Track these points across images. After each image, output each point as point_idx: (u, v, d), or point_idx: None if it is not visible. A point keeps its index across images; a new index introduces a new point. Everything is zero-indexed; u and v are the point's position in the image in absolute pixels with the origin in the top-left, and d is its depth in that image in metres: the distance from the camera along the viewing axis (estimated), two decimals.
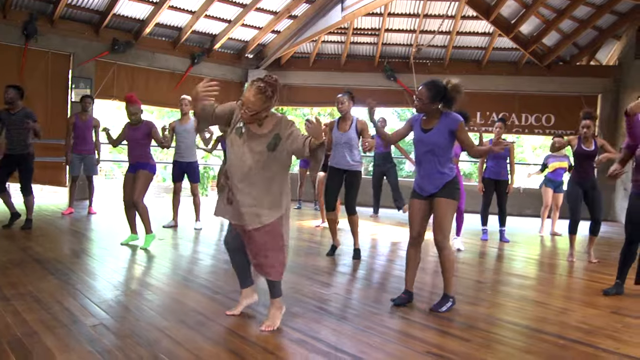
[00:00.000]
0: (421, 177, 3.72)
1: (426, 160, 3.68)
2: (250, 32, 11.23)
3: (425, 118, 3.70)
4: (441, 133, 3.63)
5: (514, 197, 8.66)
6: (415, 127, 3.77)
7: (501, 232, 7.11)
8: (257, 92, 2.89)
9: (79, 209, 8.01)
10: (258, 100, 2.89)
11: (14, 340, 2.76)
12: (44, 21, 8.98)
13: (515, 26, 10.43)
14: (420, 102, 3.61)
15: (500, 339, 3.16)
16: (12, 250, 5.08)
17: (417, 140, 3.74)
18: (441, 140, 3.63)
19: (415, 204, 3.74)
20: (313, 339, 2.98)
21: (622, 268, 4.41)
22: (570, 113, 11.18)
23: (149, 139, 5.58)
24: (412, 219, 3.76)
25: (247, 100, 2.90)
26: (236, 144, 3.02)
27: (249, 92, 2.91)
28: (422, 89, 3.61)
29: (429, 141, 3.64)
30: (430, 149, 3.65)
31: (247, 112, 2.91)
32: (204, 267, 4.88)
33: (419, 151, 3.72)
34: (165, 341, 2.86)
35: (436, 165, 3.65)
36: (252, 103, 2.89)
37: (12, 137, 6.23)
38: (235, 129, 3.03)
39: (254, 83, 2.93)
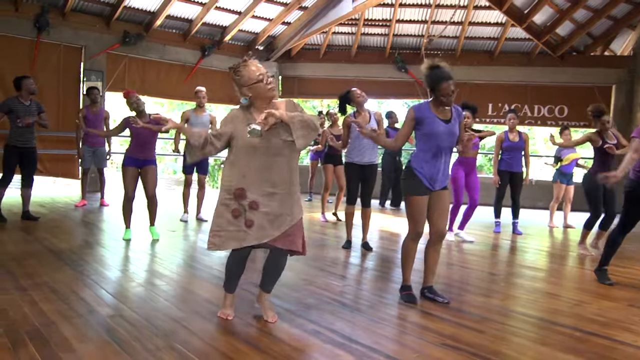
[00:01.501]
0: (438, 171, 3.56)
1: (445, 153, 3.56)
2: (261, 24, 11.20)
3: (439, 109, 3.56)
4: (457, 123, 3.60)
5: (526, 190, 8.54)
6: (431, 118, 3.54)
7: (514, 225, 7.07)
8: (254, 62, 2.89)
9: (91, 201, 8.08)
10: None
11: (32, 330, 2.79)
12: (55, 14, 9.04)
13: (529, 16, 10.32)
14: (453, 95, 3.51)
15: (515, 331, 3.15)
16: (27, 242, 5.13)
17: (440, 131, 3.50)
18: (457, 131, 3.60)
19: (422, 200, 3.59)
20: (328, 330, 2.99)
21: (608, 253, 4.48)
22: (584, 104, 10.92)
23: (156, 133, 5.42)
24: (419, 216, 3.62)
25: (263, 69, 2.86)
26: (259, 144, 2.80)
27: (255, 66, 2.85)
28: (452, 84, 3.46)
29: (451, 131, 3.54)
30: (451, 140, 3.56)
31: (272, 80, 2.89)
32: (216, 258, 4.90)
33: (440, 143, 3.53)
34: (180, 331, 2.88)
35: (449, 158, 3.64)
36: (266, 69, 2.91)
37: (21, 129, 6.05)
38: (250, 132, 2.71)
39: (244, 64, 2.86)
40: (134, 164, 5.35)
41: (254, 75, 2.78)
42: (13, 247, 4.87)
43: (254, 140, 2.79)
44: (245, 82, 2.82)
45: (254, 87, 2.82)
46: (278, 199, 2.89)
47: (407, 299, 3.64)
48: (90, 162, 7.79)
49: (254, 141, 2.80)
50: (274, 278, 3.14)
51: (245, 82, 2.82)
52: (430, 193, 3.61)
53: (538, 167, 20.10)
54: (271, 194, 2.87)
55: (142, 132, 5.28)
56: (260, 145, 2.82)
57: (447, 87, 3.46)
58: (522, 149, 6.98)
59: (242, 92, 2.87)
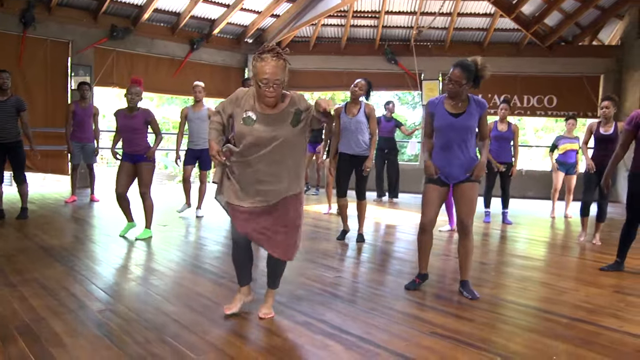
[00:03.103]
0: (448, 163, 3.56)
1: (454, 146, 3.54)
2: (250, 17, 11.14)
3: (452, 102, 3.54)
4: (472, 117, 3.54)
5: (516, 180, 8.62)
6: (440, 112, 3.57)
7: (504, 214, 7.13)
8: (276, 62, 2.69)
9: (81, 197, 8.03)
10: (281, 69, 2.71)
11: (22, 326, 2.79)
12: (41, 9, 8.92)
13: (517, 6, 10.33)
14: (456, 85, 3.44)
15: (504, 319, 3.19)
16: (17, 238, 5.11)
17: (446, 125, 3.54)
18: (473, 124, 3.56)
19: (435, 190, 3.61)
20: (318, 321, 3.01)
21: (622, 247, 4.42)
22: (573, 94, 11.15)
23: (146, 127, 5.32)
24: (430, 206, 3.64)
25: (272, 75, 2.68)
26: (249, 132, 2.81)
27: (269, 66, 2.67)
28: (456, 72, 3.42)
29: (462, 125, 3.52)
30: (462, 134, 3.53)
31: (276, 88, 2.72)
32: (208, 253, 4.91)
33: (447, 137, 3.54)
34: (171, 325, 2.89)
35: (465, 150, 3.57)
36: (279, 74, 2.70)
37: (1, 125, 5.94)
38: (243, 119, 2.81)
39: (264, 57, 2.70)
40: (127, 159, 5.27)
41: (260, 75, 2.70)
42: (2, 243, 4.84)
43: (246, 128, 2.83)
44: (253, 74, 2.78)
45: (256, 84, 2.76)
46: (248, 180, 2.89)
47: (406, 285, 3.74)
48: (79, 157, 7.74)
49: (245, 128, 2.83)
50: (274, 275, 3.13)
51: (253, 75, 2.78)
52: (445, 186, 3.62)
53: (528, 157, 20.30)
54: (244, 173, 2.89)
55: (129, 125, 5.19)
56: (248, 135, 2.82)
57: (451, 73, 3.46)
58: (511, 140, 7.01)
59: (285, 76, 2.79)
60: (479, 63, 3.49)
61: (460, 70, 3.43)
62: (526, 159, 17.87)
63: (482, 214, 7.22)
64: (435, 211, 3.69)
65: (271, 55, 2.70)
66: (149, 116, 5.30)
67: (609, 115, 5.50)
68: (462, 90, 3.48)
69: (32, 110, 8.59)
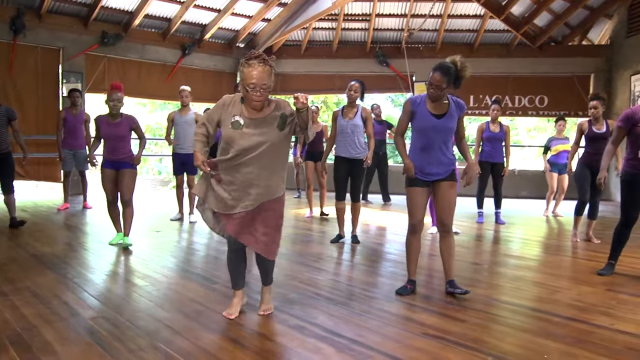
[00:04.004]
0: (428, 163, 3.58)
1: (435, 147, 3.56)
2: (241, 21, 11.15)
3: (434, 103, 3.55)
4: (453, 118, 3.56)
5: (510, 180, 8.66)
6: (422, 112, 3.57)
7: (497, 215, 7.15)
8: (263, 67, 2.81)
9: (74, 204, 8.00)
10: (267, 75, 2.83)
11: (14, 335, 2.77)
12: (31, 16, 8.91)
13: (506, 7, 10.40)
14: (437, 89, 3.45)
15: (497, 319, 3.20)
16: (9, 247, 5.08)
17: (428, 126, 3.55)
18: (453, 125, 3.58)
19: (418, 192, 3.63)
20: (310, 325, 3.01)
21: (616, 249, 4.42)
22: (563, 94, 11.22)
23: (131, 134, 5.22)
24: (415, 207, 3.66)
25: (259, 80, 2.80)
26: (238, 136, 2.90)
27: (256, 71, 2.79)
28: (436, 75, 3.42)
29: (443, 127, 3.53)
30: (442, 135, 3.55)
31: (262, 92, 2.83)
32: (200, 258, 4.90)
33: (429, 137, 3.56)
34: (164, 331, 2.88)
35: (445, 151, 3.59)
36: (265, 79, 2.82)
37: None
38: (232, 124, 2.91)
39: (251, 63, 2.81)
40: (110, 166, 5.15)
41: (247, 80, 2.81)
42: None
43: (234, 132, 2.91)
44: (241, 79, 2.89)
45: (242, 88, 2.88)
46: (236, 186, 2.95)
47: (397, 290, 3.69)
48: (71, 165, 7.71)
49: (234, 132, 2.91)
50: (266, 273, 3.20)
51: (241, 80, 2.88)
52: (426, 185, 3.63)
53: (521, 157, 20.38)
54: (232, 179, 2.95)
55: (113, 133, 5.07)
56: (238, 138, 2.91)
57: (431, 77, 3.47)
58: (503, 140, 7.05)
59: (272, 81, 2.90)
60: (459, 63, 3.49)
61: (440, 74, 3.44)
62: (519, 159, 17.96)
63: (475, 215, 7.25)
64: (423, 212, 3.71)
65: (258, 62, 2.82)
66: (133, 122, 5.19)
67: (598, 115, 5.53)
68: (443, 93, 3.50)
69: (24, 118, 8.58)
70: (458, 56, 3.53)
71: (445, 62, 3.50)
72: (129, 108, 5.23)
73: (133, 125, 5.19)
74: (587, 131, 5.63)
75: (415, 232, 3.73)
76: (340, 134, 5.35)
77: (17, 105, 8.39)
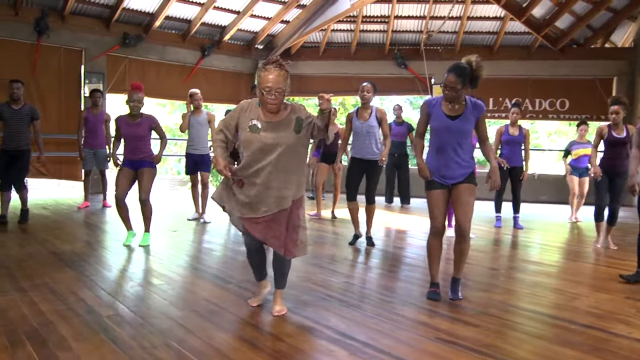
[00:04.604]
0: (445, 166, 3.55)
1: (451, 149, 3.53)
2: (260, 23, 11.21)
3: (450, 104, 3.53)
4: (469, 120, 3.52)
5: (529, 184, 8.54)
6: (437, 114, 3.56)
7: (515, 219, 7.06)
8: (278, 72, 2.91)
9: (94, 203, 8.12)
10: (283, 79, 2.92)
11: (31, 330, 2.82)
12: (55, 17, 9.08)
13: (527, 9, 10.27)
14: (452, 91, 3.42)
15: (512, 325, 3.16)
16: (29, 244, 5.18)
17: (442, 127, 3.53)
18: (469, 127, 3.54)
19: (438, 194, 3.60)
20: (323, 327, 3.01)
21: None
22: (585, 97, 11.04)
23: (150, 134, 5.24)
24: (436, 210, 3.62)
25: (274, 84, 2.89)
26: (256, 139, 2.99)
27: (272, 75, 2.89)
28: (451, 77, 3.39)
29: (458, 128, 3.50)
30: (457, 137, 3.52)
31: (278, 95, 2.92)
32: (215, 258, 4.93)
33: (444, 139, 3.54)
34: (177, 330, 2.91)
35: (462, 153, 3.55)
36: (281, 83, 2.91)
37: (12, 133, 6.07)
38: (249, 127, 3.00)
39: (267, 68, 2.92)
40: (129, 165, 5.17)
41: (263, 84, 2.90)
42: (15, 249, 4.92)
43: (252, 135, 3.00)
44: (257, 83, 2.98)
45: (259, 92, 2.97)
46: (257, 190, 3.02)
47: (428, 295, 3.65)
48: (91, 164, 7.84)
49: (251, 136, 3.00)
50: (280, 275, 3.25)
51: (257, 84, 2.98)
52: (445, 188, 3.60)
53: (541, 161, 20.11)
54: (253, 183, 3.03)
55: (134, 133, 5.12)
56: (254, 142, 3.00)
57: (446, 79, 3.45)
58: (522, 144, 6.97)
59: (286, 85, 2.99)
60: (474, 63, 3.46)
61: (454, 75, 3.41)
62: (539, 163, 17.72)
63: (492, 219, 7.17)
64: (444, 214, 3.67)
65: (274, 66, 2.92)
66: (153, 122, 5.23)
67: (619, 120, 5.43)
68: (458, 95, 3.47)
69: (46, 117, 8.74)
70: (474, 56, 3.50)
71: (459, 62, 3.47)
72: (148, 108, 5.26)
73: (153, 125, 5.23)
74: (606, 136, 5.54)
75: (437, 234, 3.69)
76: (355, 136, 5.35)
77: (39, 104, 8.57)
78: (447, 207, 3.69)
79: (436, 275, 3.73)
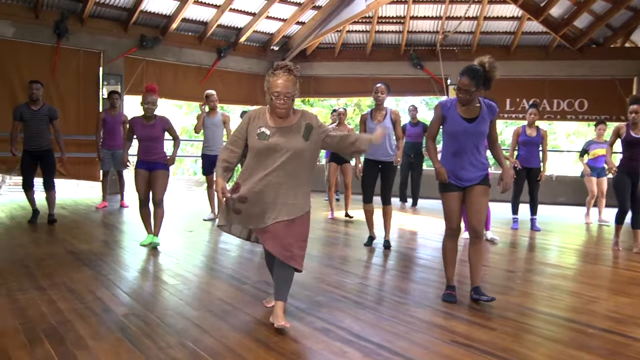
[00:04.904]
0: (461, 168, 3.53)
1: (468, 151, 3.51)
2: (275, 24, 11.25)
3: (464, 106, 3.51)
4: (485, 121, 3.50)
5: (547, 185, 8.44)
6: (453, 117, 3.53)
7: (532, 221, 6.97)
8: (287, 77, 2.91)
9: (112, 203, 8.22)
10: (292, 83, 2.92)
11: (49, 328, 2.87)
12: (74, 20, 9.21)
13: (545, 9, 10.15)
14: (467, 94, 3.40)
15: (528, 328, 3.12)
16: (48, 243, 5.26)
17: (460, 131, 3.49)
18: (486, 129, 3.52)
19: (454, 196, 3.58)
20: (337, 328, 3.00)
21: None
22: (604, 97, 10.87)
23: (164, 135, 5.29)
24: (452, 212, 3.60)
25: (283, 89, 2.89)
26: (264, 146, 2.95)
27: (281, 80, 2.89)
28: (464, 80, 3.38)
29: (475, 131, 3.48)
30: (474, 139, 3.50)
31: (286, 100, 2.90)
32: (231, 258, 4.96)
33: (461, 142, 3.51)
34: (192, 329, 2.93)
35: (477, 155, 3.54)
36: (290, 88, 2.90)
37: (32, 133, 6.20)
38: (258, 135, 2.97)
39: (276, 73, 2.93)
40: (143, 166, 5.20)
41: (272, 88, 2.91)
42: (34, 248, 5.00)
43: (260, 143, 2.97)
44: (266, 88, 2.99)
45: (268, 97, 2.97)
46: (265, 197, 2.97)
47: (443, 298, 3.61)
48: (109, 164, 7.94)
49: (260, 143, 2.97)
50: (281, 287, 3.04)
51: (266, 88, 2.99)
52: (461, 190, 3.58)
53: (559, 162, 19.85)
54: (259, 192, 2.97)
55: (147, 134, 5.17)
56: (263, 149, 2.97)
57: (459, 82, 3.44)
58: (540, 144, 6.88)
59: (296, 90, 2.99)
60: (487, 64, 3.43)
61: (468, 77, 3.39)
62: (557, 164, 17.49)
63: (509, 221, 7.09)
64: (459, 216, 3.65)
65: (283, 71, 2.93)
66: (166, 124, 5.28)
67: (638, 120, 5.34)
68: (473, 97, 3.45)
69: (65, 118, 8.88)
70: (487, 57, 3.47)
71: (472, 65, 3.45)
72: (165, 110, 5.31)
73: (166, 127, 5.28)
74: (624, 135, 5.44)
75: (453, 236, 3.68)
76: None
77: (59, 105, 8.68)
78: (462, 208, 3.67)
79: (452, 278, 3.71)
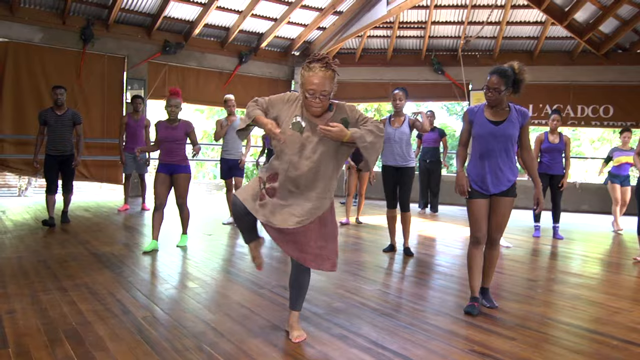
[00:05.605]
0: (488, 174, 3.47)
1: (496, 155, 3.45)
2: (296, 30, 11.31)
3: (492, 110, 3.48)
4: (514, 125, 3.45)
5: (570, 193, 8.29)
6: (479, 120, 3.51)
7: (555, 229, 6.86)
8: (324, 73, 2.59)
9: (133, 206, 8.33)
10: (329, 80, 2.61)
11: (70, 329, 2.92)
12: (99, 26, 9.40)
13: (569, 14, 9.99)
14: (495, 93, 3.37)
15: (549, 339, 3.06)
16: (71, 244, 5.35)
17: (486, 133, 3.45)
18: (514, 132, 3.46)
19: (480, 204, 3.51)
20: (354, 335, 2.99)
21: None
22: (631, 103, 10.66)
23: (186, 138, 5.40)
24: (478, 220, 3.52)
25: (319, 87, 2.58)
26: (297, 139, 2.69)
27: (317, 78, 2.58)
28: (494, 78, 3.37)
29: (503, 134, 3.43)
30: (502, 142, 3.44)
31: (322, 99, 2.62)
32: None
33: (489, 145, 3.46)
34: (210, 333, 2.94)
35: (506, 160, 3.47)
36: (327, 85, 2.60)
37: (56, 137, 6.34)
38: (292, 124, 2.70)
39: (312, 67, 2.61)
40: (164, 170, 5.29)
41: (307, 85, 2.61)
42: (58, 249, 5.09)
43: (294, 134, 2.71)
44: (301, 83, 2.69)
45: (302, 92, 2.69)
46: (294, 198, 2.76)
47: (466, 309, 3.49)
48: (131, 167, 8.06)
49: (293, 134, 2.71)
50: (297, 294, 2.95)
51: (300, 84, 2.69)
52: (486, 197, 3.52)
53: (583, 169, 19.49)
54: (290, 191, 2.75)
55: (170, 136, 5.26)
56: (298, 141, 2.70)
57: (488, 81, 3.42)
58: (562, 151, 6.78)
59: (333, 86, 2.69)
60: (517, 68, 3.42)
61: (498, 76, 3.37)
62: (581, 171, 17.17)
63: (531, 228, 6.98)
64: (485, 224, 3.56)
65: (319, 65, 2.61)
66: (189, 127, 5.40)
67: None
68: (501, 98, 3.41)
69: (90, 122, 9.07)
70: (516, 62, 3.47)
71: (502, 65, 3.46)
72: (187, 114, 5.40)
73: (189, 130, 5.37)
74: None
75: (479, 244, 3.58)
76: (387, 142, 5.31)
77: (84, 109, 8.91)
78: (487, 216, 3.58)
79: (477, 290, 3.59)
